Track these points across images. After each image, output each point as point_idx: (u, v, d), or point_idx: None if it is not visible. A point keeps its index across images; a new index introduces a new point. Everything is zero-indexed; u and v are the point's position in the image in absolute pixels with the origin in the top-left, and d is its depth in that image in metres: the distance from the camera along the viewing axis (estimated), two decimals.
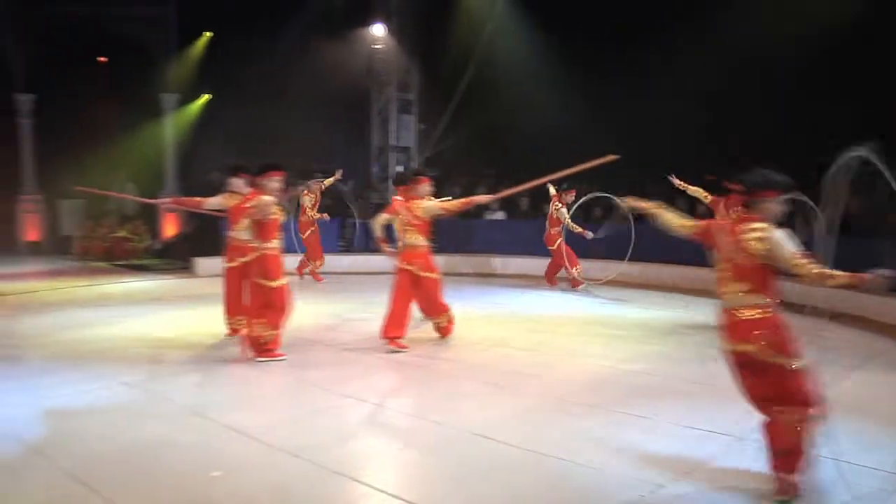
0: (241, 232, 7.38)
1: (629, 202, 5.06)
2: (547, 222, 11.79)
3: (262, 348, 6.82)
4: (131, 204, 18.47)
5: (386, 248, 7.69)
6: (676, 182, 9.15)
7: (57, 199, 19.23)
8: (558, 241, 11.57)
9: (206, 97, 19.00)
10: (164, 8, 17.87)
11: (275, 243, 6.91)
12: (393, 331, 7.34)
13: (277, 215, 6.93)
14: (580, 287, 11.62)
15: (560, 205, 11.43)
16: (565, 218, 11.41)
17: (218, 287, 7.88)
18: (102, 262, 16.18)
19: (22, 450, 4.63)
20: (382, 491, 4.02)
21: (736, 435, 4.80)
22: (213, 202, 7.82)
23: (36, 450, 4.62)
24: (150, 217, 18.26)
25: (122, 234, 17.36)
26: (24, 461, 4.46)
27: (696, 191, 8.97)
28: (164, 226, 18.34)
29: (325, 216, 12.33)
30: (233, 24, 16.88)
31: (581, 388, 6.02)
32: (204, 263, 13.48)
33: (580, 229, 11.33)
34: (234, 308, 7.57)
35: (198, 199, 8.07)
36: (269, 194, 6.77)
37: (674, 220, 4.59)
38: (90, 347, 7.48)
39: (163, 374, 6.48)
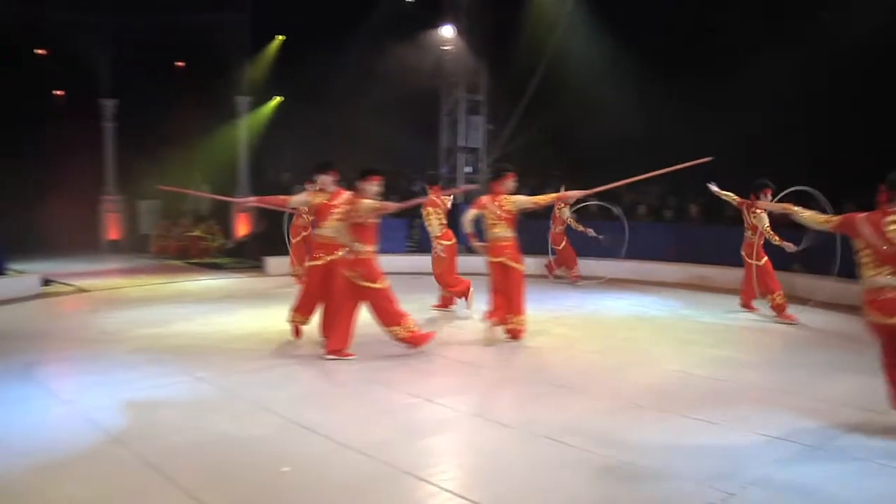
0: (327, 230, 7.39)
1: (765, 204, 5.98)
2: (551, 222, 12.32)
3: (413, 344, 7.05)
4: (206, 204, 18.98)
5: (476, 242, 7.87)
6: (714, 189, 9.42)
7: (136, 200, 19.90)
8: (565, 240, 12.33)
9: (277, 99, 19.39)
10: (239, 14, 18.29)
11: (372, 247, 6.99)
12: (499, 315, 7.66)
13: (376, 219, 7.01)
14: (577, 282, 12.43)
15: (563, 205, 11.88)
16: (568, 217, 12.07)
17: (288, 286, 8.03)
18: (177, 260, 16.64)
19: (105, 439, 4.84)
20: (449, 491, 4.06)
21: (809, 443, 4.69)
22: (298, 200, 7.83)
23: (117, 439, 4.82)
24: (223, 217, 18.71)
25: (196, 233, 17.83)
26: (107, 450, 4.66)
27: (728, 196, 9.37)
28: (236, 225, 18.77)
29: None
30: (305, 27, 17.20)
31: (651, 392, 5.95)
32: (274, 263, 13.77)
33: (583, 227, 12.05)
34: (304, 306, 7.60)
35: (283, 197, 8.11)
36: (369, 198, 6.87)
37: (812, 216, 5.41)
38: (168, 343, 7.73)
39: (235, 370, 6.66)
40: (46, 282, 11.81)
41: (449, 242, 9.53)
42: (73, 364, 7.06)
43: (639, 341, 8.06)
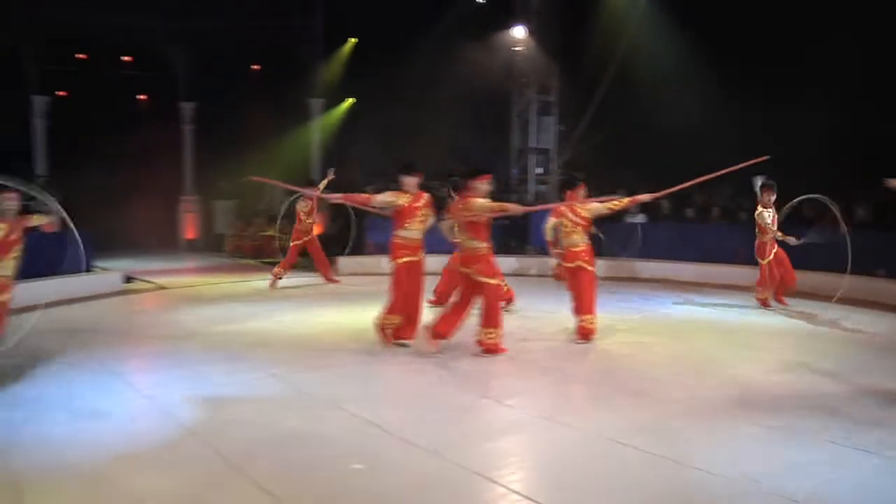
0: (412, 231, 7.48)
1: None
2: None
3: (490, 350, 7.15)
4: (279, 204, 19.36)
5: (554, 250, 8.13)
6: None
7: (212, 200, 20.46)
8: None
9: (350, 101, 19.66)
10: (313, 17, 18.64)
11: (486, 243, 7.13)
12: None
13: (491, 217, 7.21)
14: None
15: None
16: None
17: (359, 286, 8.14)
18: (251, 259, 17.01)
19: (182, 432, 4.97)
20: (518, 493, 4.03)
21: (887, 455, 4.49)
22: (381, 199, 7.73)
23: (194, 433, 4.94)
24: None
25: (270, 233, 18.17)
26: (184, 443, 4.79)
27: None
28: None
29: (318, 228, 12.55)
30: (377, 30, 17.42)
31: (725, 398, 5.79)
32: (345, 263, 13.97)
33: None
34: (397, 307, 7.56)
35: (365, 195, 8.17)
36: (480, 196, 7.02)
37: None
38: (243, 340, 7.91)
39: (308, 368, 6.77)
40: (128, 279, 12.25)
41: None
42: (152, 359, 7.31)
43: (710, 345, 7.87)
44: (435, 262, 8.82)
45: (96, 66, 19.46)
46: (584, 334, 7.77)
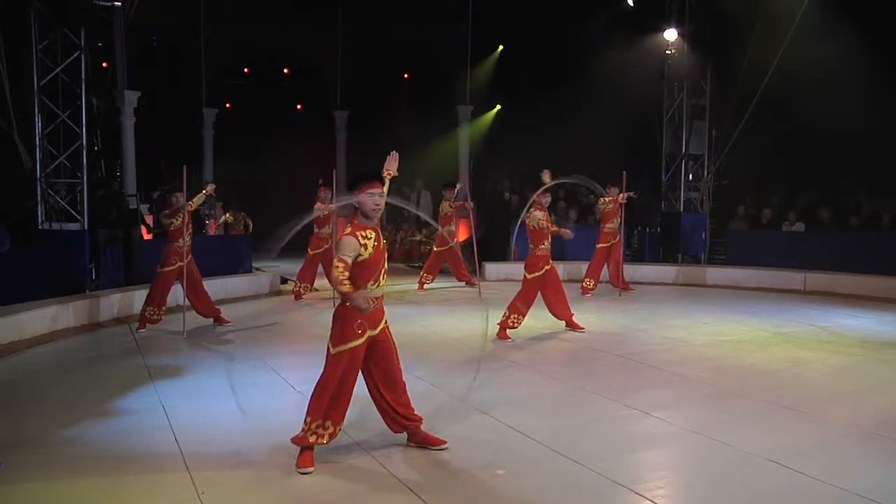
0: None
1: None
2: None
3: None
4: (426, 210, 19.75)
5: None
6: None
7: None
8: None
9: (497, 108, 19.76)
10: (460, 24, 18.86)
11: None
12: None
13: None
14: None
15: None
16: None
17: (502, 290, 8.10)
18: (400, 263, 17.40)
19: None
20: None
21: None
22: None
23: (343, 431, 5.03)
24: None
25: (418, 238, 18.54)
26: (337, 440, 4.88)
27: None
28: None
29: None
30: (524, 36, 17.40)
31: (893, 422, 5.37)
32: (492, 268, 14.05)
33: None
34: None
35: None
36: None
37: None
38: None
39: (452, 372, 6.85)
40: (283, 280, 12.86)
41: None
42: (304, 357, 7.62)
43: (881, 363, 7.29)
44: None
45: (258, 78, 20.66)
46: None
